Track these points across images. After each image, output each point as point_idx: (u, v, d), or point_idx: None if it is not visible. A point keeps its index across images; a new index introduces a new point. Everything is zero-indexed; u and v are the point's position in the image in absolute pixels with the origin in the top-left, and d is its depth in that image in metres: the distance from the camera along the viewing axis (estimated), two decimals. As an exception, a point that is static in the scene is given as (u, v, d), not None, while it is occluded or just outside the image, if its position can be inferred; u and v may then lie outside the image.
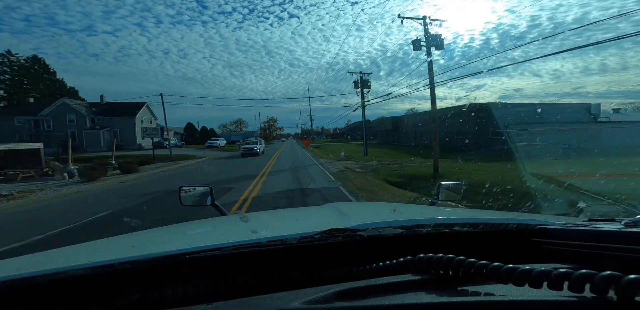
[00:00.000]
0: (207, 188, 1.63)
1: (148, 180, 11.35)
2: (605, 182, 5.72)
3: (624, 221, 0.67)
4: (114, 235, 1.07)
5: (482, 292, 0.48)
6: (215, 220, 1.42)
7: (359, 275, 0.60)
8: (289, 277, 0.63)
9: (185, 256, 0.64)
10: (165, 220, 4.91)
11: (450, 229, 0.81)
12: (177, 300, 0.56)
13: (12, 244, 4.25)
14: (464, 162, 13.86)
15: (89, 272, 0.58)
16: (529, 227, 0.80)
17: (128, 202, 6.98)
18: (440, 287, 0.51)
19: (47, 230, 4.84)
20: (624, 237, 0.61)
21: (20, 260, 0.78)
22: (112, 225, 5.13)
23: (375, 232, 0.75)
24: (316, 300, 0.48)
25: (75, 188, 9.18)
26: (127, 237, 1.07)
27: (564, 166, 7.02)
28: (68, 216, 5.84)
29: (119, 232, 1.16)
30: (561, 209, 4.35)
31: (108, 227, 4.95)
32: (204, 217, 1.59)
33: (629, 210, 4.30)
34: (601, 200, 4.67)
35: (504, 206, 5.44)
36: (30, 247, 4.12)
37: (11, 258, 0.77)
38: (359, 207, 1.78)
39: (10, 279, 0.55)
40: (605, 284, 0.39)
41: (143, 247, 0.87)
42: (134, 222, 4.90)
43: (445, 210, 1.36)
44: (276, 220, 1.37)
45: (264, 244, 0.69)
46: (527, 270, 0.44)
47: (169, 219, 4.92)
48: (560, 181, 5.79)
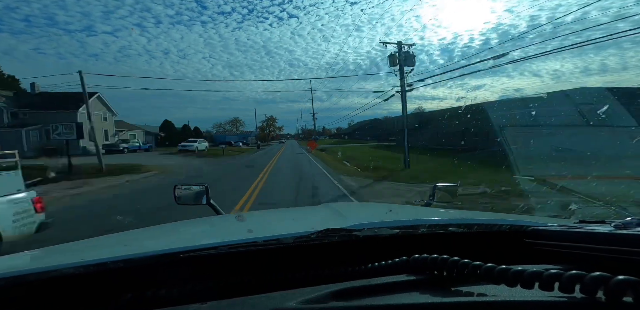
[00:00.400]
0: (202, 187, 1.62)
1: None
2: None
3: (614, 223, 0.68)
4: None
5: (476, 292, 0.48)
6: (211, 219, 1.41)
7: (354, 275, 0.60)
8: (284, 277, 0.63)
9: (180, 255, 0.63)
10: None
11: (445, 229, 0.82)
12: (171, 300, 0.56)
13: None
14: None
15: (80, 270, 0.57)
16: (522, 229, 0.81)
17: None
18: (434, 287, 0.52)
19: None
20: (614, 239, 0.62)
21: (13, 258, 0.77)
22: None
23: (371, 233, 0.75)
24: (311, 300, 0.48)
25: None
26: (120, 235, 1.06)
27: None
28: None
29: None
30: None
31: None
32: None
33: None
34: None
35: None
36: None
37: (2, 256, 0.76)
38: (355, 208, 1.78)
39: (1, 277, 0.54)
40: (595, 285, 0.40)
41: (137, 245, 0.86)
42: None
43: (441, 212, 1.37)
44: (273, 219, 1.37)
45: (259, 243, 0.69)
46: (519, 271, 0.45)
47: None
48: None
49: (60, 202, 7.67)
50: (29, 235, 3.72)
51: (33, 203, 3.81)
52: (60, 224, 4.57)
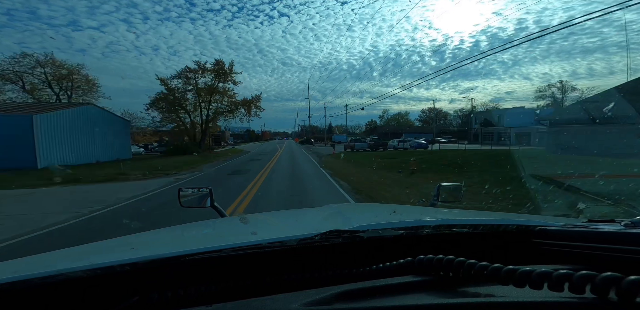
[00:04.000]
0: (207, 189, 1.63)
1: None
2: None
3: (623, 222, 0.67)
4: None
5: (483, 293, 0.48)
6: (215, 221, 1.42)
7: (359, 277, 0.60)
8: (288, 279, 0.62)
9: (185, 258, 0.64)
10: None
11: (451, 230, 0.81)
12: (177, 302, 0.56)
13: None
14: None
15: (88, 274, 0.58)
16: (529, 228, 0.80)
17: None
18: (441, 288, 0.51)
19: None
20: (624, 238, 0.61)
21: (19, 262, 0.77)
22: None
23: (376, 234, 0.75)
24: (316, 302, 0.48)
25: None
26: (127, 238, 1.06)
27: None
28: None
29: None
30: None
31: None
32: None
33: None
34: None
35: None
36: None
37: (9, 260, 0.77)
38: (359, 209, 1.78)
39: (8, 281, 0.55)
40: (606, 285, 0.39)
41: (143, 248, 0.87)
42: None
43: (445, 212, 1.36)
44: (276, 221, 1.36)
45: (264, 245, 0.69)
46: (527, 271, 0.44)
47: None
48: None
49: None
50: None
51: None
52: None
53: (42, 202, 7.61)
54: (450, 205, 1.64)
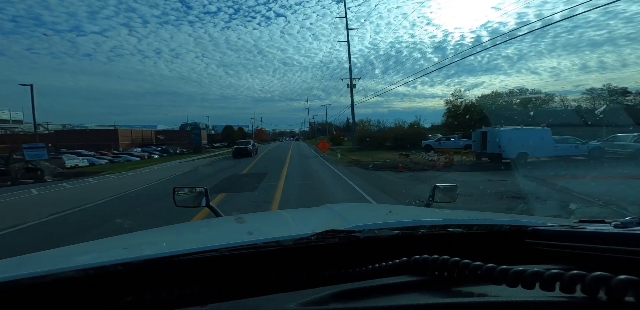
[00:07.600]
0: (202, 189, 1.62)
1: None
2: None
3: (613, 223, 0.68)
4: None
5: (476, 293, 0.48)
6: (210, 221, 1.41)
7: (354, 277, 0.60)
8: (284, 279, 0.62)
9: (180, 258, 0.63)
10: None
11: (446, 230, 0.81)
12: (172, 302, 0.56)
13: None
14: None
15: (80, 274, 0.57)
16: (522, 229, 0.81)
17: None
18: (435, 288, 0.52)
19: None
20: (614, 239, 0.62)
21: (9, 262, 0.76)
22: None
23: (372, 234, 0.75)
24: (312, 302, 0.48)
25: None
26: (120, 238, 1.05)
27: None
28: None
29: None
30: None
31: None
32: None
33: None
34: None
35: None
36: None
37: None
38: (355, 209, 1.78)
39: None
40: (596, 285, 0.40)
41: (136, 248, 0.86)
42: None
43: (441, 212, 1.37)
44: (272, 221, 1.36)
45: (259, 245, 0.69)
46: (520, 271, 0.45)
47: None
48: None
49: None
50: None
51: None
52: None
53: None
54: (446, 206, 1.66)
